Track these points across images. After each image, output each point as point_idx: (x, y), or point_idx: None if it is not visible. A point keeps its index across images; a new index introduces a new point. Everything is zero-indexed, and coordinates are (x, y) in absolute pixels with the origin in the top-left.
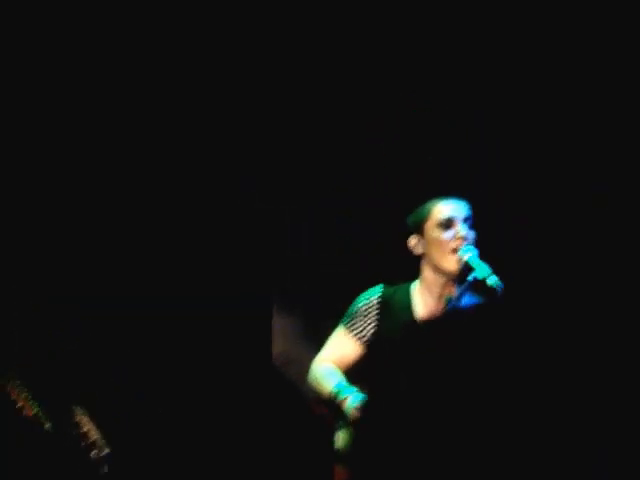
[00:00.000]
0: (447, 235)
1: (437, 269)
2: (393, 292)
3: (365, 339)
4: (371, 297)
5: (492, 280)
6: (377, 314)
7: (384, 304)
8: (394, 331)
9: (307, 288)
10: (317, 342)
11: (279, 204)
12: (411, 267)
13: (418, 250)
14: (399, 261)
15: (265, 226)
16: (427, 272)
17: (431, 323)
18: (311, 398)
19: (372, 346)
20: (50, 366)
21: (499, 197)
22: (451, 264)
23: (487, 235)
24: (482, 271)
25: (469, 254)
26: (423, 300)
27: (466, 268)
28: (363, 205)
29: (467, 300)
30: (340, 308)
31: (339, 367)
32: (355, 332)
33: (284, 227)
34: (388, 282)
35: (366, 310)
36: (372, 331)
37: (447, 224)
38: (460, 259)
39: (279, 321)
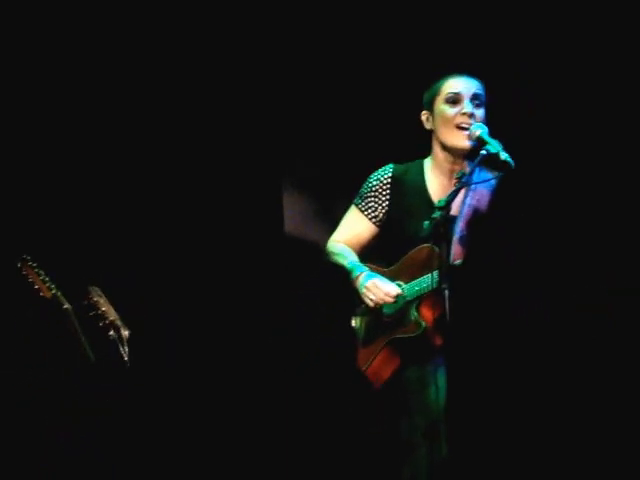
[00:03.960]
0: (452, 110)
1: (445, 145)
2: (405, 170)
3: (378, 219)
4: (382, 176)
5: (505, 155)
6: (389, 193)
7: (396, 182)
8: (408, 209)
9: (317, 168)
10: (328, 222)
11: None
12: (423, 147)
13: (428, 125)
14: (411, 140)
15: (275, 106)
16: (437, 148)
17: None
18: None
19: (386, 225)
20: (66, 248)
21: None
22: (455, 139)
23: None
24: (494, 146)
25: (481, 130)
26: (435, 177)
27: (478, 144)
28: (375, 83)
29: (479, 176)
30: (351, 188)
31: (353, 247)
32: (368, 212)
33: (295, 108)
34: (398, 161)
35: (378, 189)
36: (385, 210)
37: (454, 100)
38: (472, 135)
39: (289, 201)
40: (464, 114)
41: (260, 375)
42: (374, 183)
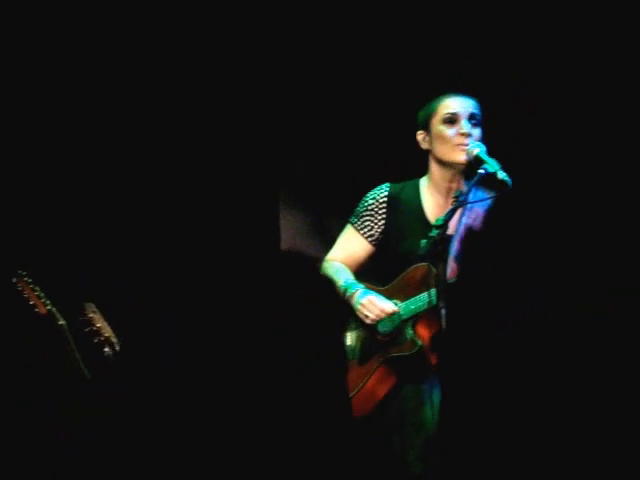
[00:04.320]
0: (450, 131)
1: (443, 163)
2: (401, 189)
3: (374, 237)
4: (379, 195)
5: (502, 174)
6: (385, 212)
7: (392, 201)
8: (404, 228)
9: (314, 185)
10: (325, 240)
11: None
12: (419, 166)
13: (425, 145)
14: (407, 159)
15: (272, 121)
16: (434, 167)
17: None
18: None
19: (381, 244)
20: (62, 264)
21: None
22: (454, 155)
23: (494, 133)
24: (492, 165)
25: (478, 148)
26: (432, 196)
27: (475, 163)
28: (371, 100)
29: (476, 195)
30: (347, 207)
31: (349, 266)
32: (364, 231)
33: (292, 126)
34: (394, 180)
35: (374, 208)
36: (381, 229)
37: (451, 120)
38: (470, 153)
39: (286, 218)
40: (462, 134)
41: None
42: (370, 202)
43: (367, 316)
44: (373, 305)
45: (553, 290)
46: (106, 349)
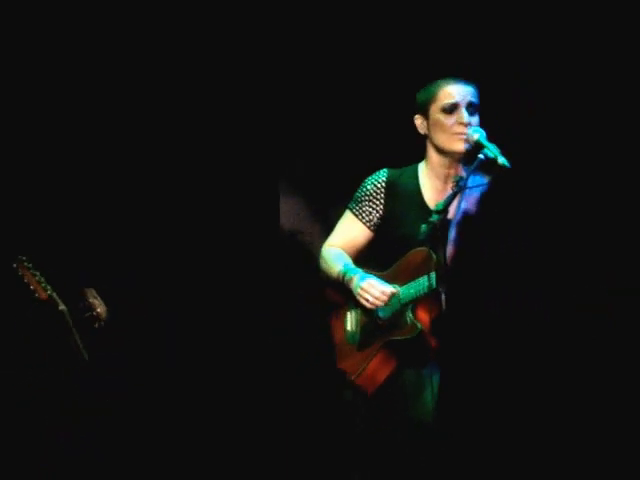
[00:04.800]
0: (449, 119)
1: (440, 150)
2: (399, 174)
3: (373, 223)
4: (377, 180)
5: (502, 159)
6: (384, 197)
7: (391, 187)
8: (402, 213)
9: (313, 170)
10: (324, 224)
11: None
12: (417, 150)
13: (422, 130)
14: (405, 143)
15: (272, 108)
16: (431, 153)
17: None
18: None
19: (380, 229)
20: (62, 249)
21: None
22: (454, 144)
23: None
24: (492, 150)
25: (478, 134)
26: (430, 181)
27: (475, 148)
28: (370, 86)
29: (474, 180)
30: (346, 191)
31: (348, 251)
32: (362, 216)
33: (290, 114)
34: (393, 164)
35: (373, 194)
36: (379, 215)
37: (450, 109)
38: (469, 139)
39: (286, 202)
40: (461, 123)
41: (260, 375)
42: (369, 187)
43: (367, 300)
44: (373, 288)
45: (551, 274)
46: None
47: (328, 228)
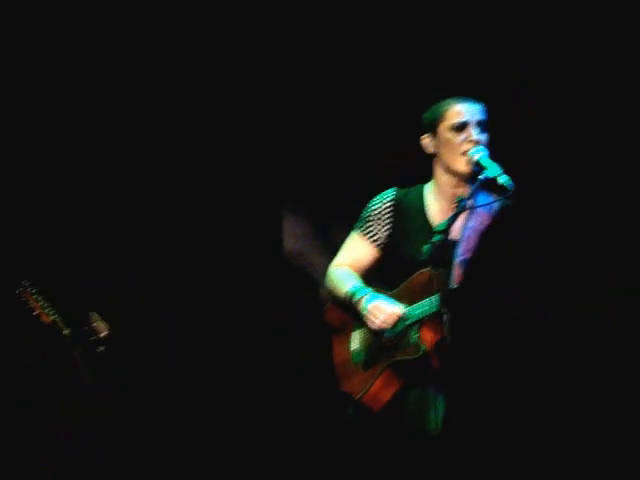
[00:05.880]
0: (459, 138)
1: (448, 169)
2: (405, 194)
3: (379, 242)
4: (384, 200)
5: (503, 179)
6: (391, 217)
7: (397, 207)
8: (408, 233)
9: (316, 190)
10: (327, 245)
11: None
12: (423, 170)
13: (430, 149)
14: (411, 164)
15: (276, 126)
16: (439, 172)
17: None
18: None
19: (387, 249)
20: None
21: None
22: (461, 165)
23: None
24: (493, 170)
25: (480, 154)
26: (436, 201)
27: (477, 168)
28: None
29: (480, 200)
30: (350, 213)
31: (355, 272)
32: (369, 236)
33: (295, 130)
34: (398, 185)
35: (379, 213)
36: (386, 234)
37: (460, 127)
38: (471, 159)
39: (289, 222)
40: (471, 141)
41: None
42: (376, 207)
43: (374, 322)
44: (380, 311)
45: (559, 297)
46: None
47: (330, 246)
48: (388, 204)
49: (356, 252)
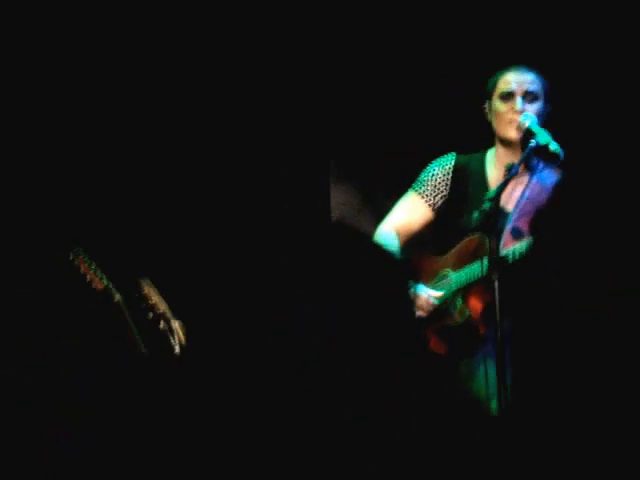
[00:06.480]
0: (504, 107)
1: (499, 137)
2: (468, 160)
3: (437, 205)
4: (445, 164)
5: (554, 146)
6: (450, 182)
7: (458, 171)
8: (467, 199)
9: (366, 159)
10: (375, 213)
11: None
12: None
13: (488, 117)
14: (468, 131)
15: (323, 95)
16: (496, 141)
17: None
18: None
19: (441, 213)
20: (117, 239)
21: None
22: (508, 132)
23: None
24: (543, 137)
25: (529, 120)
26: (495, 168)
27: (527, 136)
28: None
29: (539, 169)
30: (398, 179)
31: (404, 232)
32: (426, 198)
33: (344, 97)
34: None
35: (439, 177)
36: (445, 198)
37: (507, 96)
38: (520, 126)
39: (337, 192)
40: (515, 112)
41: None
42: (436, 170)
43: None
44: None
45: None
46: (161, 324)
47: (378, 217)
48: (449, 168)
49: (410, 213)
